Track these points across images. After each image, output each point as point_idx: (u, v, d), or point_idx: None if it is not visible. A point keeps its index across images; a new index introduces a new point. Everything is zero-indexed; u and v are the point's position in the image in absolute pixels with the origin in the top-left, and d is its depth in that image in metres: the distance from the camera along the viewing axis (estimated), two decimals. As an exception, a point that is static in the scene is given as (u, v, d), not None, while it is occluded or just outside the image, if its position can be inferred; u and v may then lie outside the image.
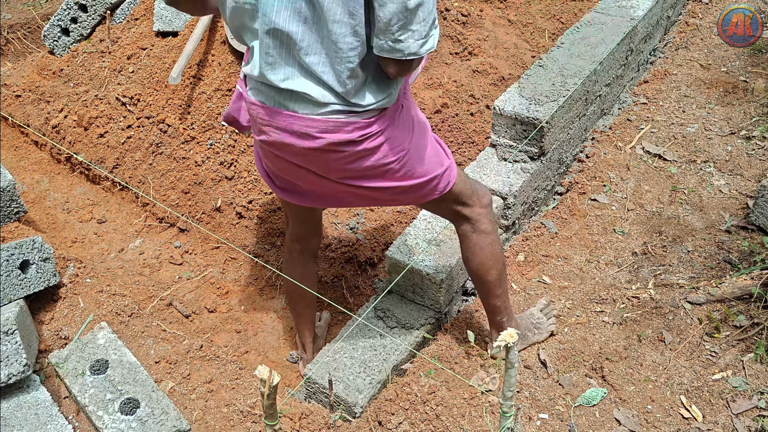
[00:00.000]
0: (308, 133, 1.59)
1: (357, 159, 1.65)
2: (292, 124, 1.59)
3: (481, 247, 1.91)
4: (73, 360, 2.02)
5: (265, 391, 1.45)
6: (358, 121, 1.58)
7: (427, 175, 1.76)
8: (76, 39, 3.58)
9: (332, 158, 1.64)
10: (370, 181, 1.72)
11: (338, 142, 1.60)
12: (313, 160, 1.67)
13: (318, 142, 1.60)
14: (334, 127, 1.57)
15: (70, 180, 3.30)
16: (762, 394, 1.93)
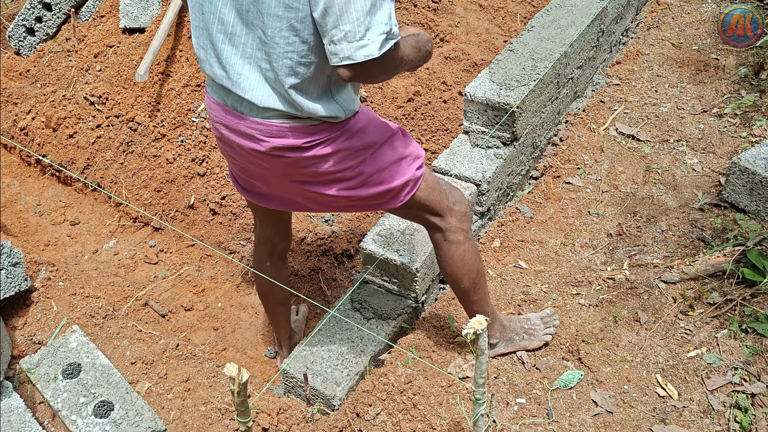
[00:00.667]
0: (253, 135, 1.55)
1: (306, 166, 1.59)
2: (238, 124, 1.56)
3: (452, 257, 1.85)
4: (45, 365, 2.00)
5: (234, 388, 1.44)
6: (302, 126, 1.53)
7: (385, 185, 1.68)
8: (42, 38, 3.52)
9: (280, 162, 1.59)
10: (324, 188, 1.66)
11: (283, 147, 1.54)
12: (262, 163, 1.62)
13: (263, 146, 1.55)
14: (278, 131, 1.52)
15: (42, 182, 3.26)
16: (736, 370, 1.94)
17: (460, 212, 1.83)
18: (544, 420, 1.90)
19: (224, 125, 1.59)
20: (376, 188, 1.68)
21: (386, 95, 3.02)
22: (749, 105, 2.98)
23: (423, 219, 1.83)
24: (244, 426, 1.53)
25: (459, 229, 1.83)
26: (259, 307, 2.63)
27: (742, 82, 3.15)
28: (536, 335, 2.13)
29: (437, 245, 1.87)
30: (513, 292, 2.34)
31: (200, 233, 2.80)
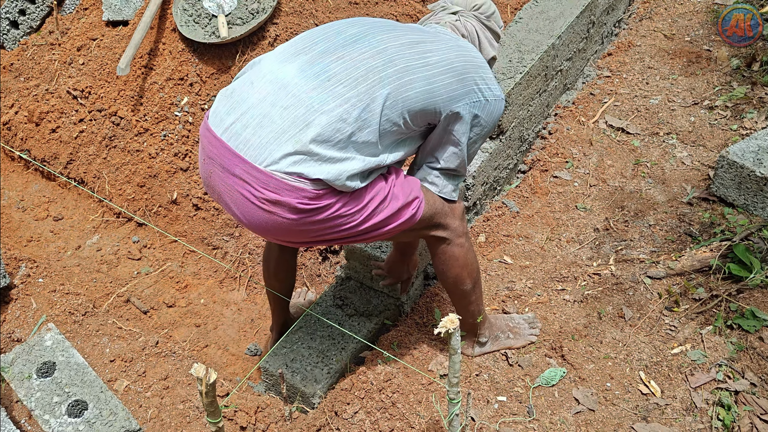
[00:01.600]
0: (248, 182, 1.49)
1: (297, 230, 1.54)
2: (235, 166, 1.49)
3: (456, 258, 1.82)
4: (20, 363, 1.97)
5: (202, 389, 1.41)
6: (305, 189, 1.47)
7: (380, 230, 1.63)
8: (26, 31, 3.48)
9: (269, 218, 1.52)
10: (312, 243, 1.64)
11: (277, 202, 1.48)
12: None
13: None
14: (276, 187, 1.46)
15: (25, 177, 3.22)
16: (720, 367, 1.91)
17: (460, 213, 1.81)
18: (524, 418, 1.87)
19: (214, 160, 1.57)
20: (369, 234, 1.64)
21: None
22: (741, 97, 2.94)
23: (426, 236, 1.81)
24: (215, 426, 1.51)
25: (462, 231, 1.81)
26: (242, 303, 2.61)
27: (734, 73, 3.11)
28: (522, 334, 2.10)
29: (441, 252, 1.83)
30: (497, 288, 2.31)
31: (183, 229, 2.77)
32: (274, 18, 2.88)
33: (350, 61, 1.52)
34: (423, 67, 1.56)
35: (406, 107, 1.56)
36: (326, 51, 1.55)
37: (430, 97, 1.58)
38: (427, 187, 1.72)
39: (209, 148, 1.55)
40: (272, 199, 1.48)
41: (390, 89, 1.52)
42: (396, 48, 1.56)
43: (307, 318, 2.22)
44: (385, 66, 1.53)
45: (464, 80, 1.62)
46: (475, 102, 1.64)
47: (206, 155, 1.57)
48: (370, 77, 1.51)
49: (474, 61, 1.66)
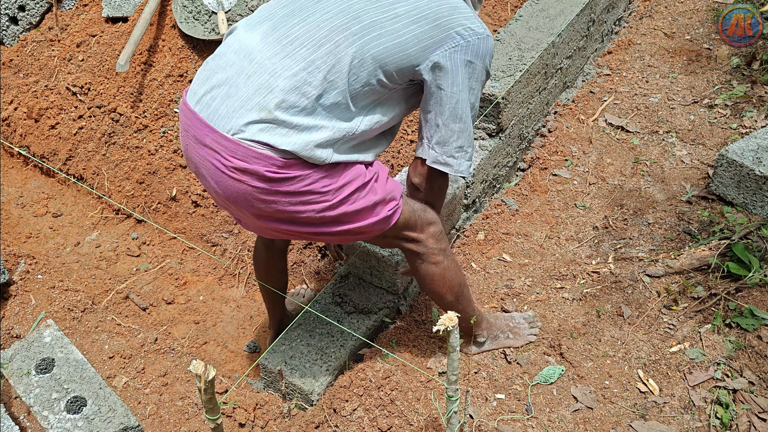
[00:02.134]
0: (218, 151, 1.47)
1: (268, 200, 1.50)
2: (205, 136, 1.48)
3: (432, 277, 1.80)
4: (19, 359, 1.97)
5: (201, 386, 1.41)
6: (272, 156, 1.45)
7: (353, 224, 1.59)
8: (25, 27, 3.47)
9: (241, 188, 1.49)
10: (285, 225, 1.57)
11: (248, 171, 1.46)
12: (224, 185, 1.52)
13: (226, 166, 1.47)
14: (243, 155, 1.44)
15: (24, 174, 3.22)
16: (718, 365, 1.92)
17: (436, 233, 1.77)
18: (523, 416, 1.87)
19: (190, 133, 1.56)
20: (342, 226, 1.59)
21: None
22: (740, 96, 2.94)
23: (399, 246, 1.77)
24: (214, 423, 1.51)
25: (437, 250, 1.77)
26: (241, 300, 2.61)
27: (734, 72, 3.10)
28: (521, 333, 2.10)
29: (416, 268, 1.81)
30: (496, 286, 2.31)
31: (182, 225, 2.77)
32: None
33: (313, 23, 1.48)
34: (391, 20, 1.49)
35: (378, 64, 1.49)
36: (289, 14, 1.51)
37: (403, 51, 1.50)
38: (441, 169, 1.64)
39: (185, 121, 1.55)
40: (241, 168, 1.46)
41: (356, 47, 1.46)
42: (361, 4, 1.49)
43: (306, 315, 2.22)
44: (350, 24, 1.47)
45: (439, 26, 1.51)
46: (455, 47, 1.53)
47: (183, 128, 1.57)
48: (334, 37, 1.46)
49: (447, 2, 1.54)
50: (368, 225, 1.61)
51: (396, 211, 1.64)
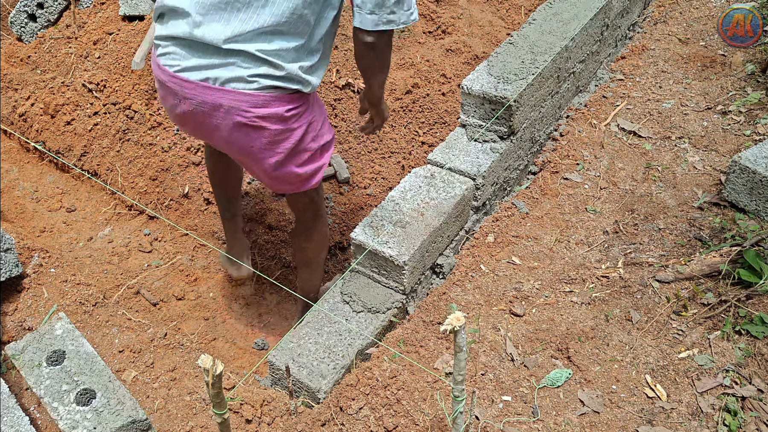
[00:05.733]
0: (237, 107, 1.75)
1: (279, 140, 1.84)
2: (220, 98, 1.74)
3: (318, 231, 2.20)
4: (30, 351, 1.99)
5: (209, 380, 1.42)
6: (283, 96, 1.77)
7: (318, 161, 2.00)
8: (43, 25, 3.52)
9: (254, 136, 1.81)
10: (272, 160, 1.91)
11: (266, 116, 1.77)
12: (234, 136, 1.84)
13: (246, 117, 1.78)
14: (264, 101, 1.74)
15: (40, 169, 3.26)
16: (727, 372, 1.90)
17: (322, 191, 2.22)
18: (529, 418, 1.87)
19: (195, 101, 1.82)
20: (313, 164, 1.98)
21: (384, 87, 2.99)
22: (755, 102, 2.92)
23: (310, 202, 2.15)
24: (220, 418, 1.52)
25: (323, 206, 2.23)
26: (251, 298, 2.63)
27: (748, 79, 3.09)
28: None
29: (306, 226, 2.19)
30: (505, 289, 2.31)
31: (194, 222, 2.79)
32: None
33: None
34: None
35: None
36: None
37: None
38: (385, 29, 1.79)
39: (185, 92, 1.82)
40: (262, 114, 1.79)
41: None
42: None
43: (315, 313, 2.23)
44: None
45: None
46: None
47: (183, 97, 1.83)
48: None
49: None
50: (317, 167, 2.01)
51: (329, 150, 2.04)
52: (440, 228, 2.32)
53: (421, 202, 2.37)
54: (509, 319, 2.19)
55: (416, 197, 2.39)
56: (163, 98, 1.92)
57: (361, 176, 2.87)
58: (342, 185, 2.86)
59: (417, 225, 2.29)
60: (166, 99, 1.91)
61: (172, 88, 1.82)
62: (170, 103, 1.89)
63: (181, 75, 1.79)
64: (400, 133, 2.96)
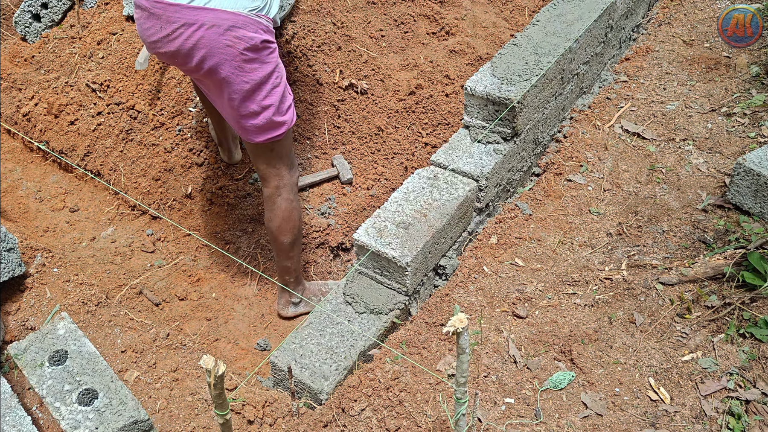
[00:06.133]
0: (218, 24, 1.92)
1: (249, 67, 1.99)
2: (204, 17, 1.91)
3: (283, 210, 2.23)
4: (33, 351, 2.00)
5: (211, 381, 1.42)
6: (261, 24, 1.97)
7: (279, 114, 2.11)
8: (47, 25, 3.52)
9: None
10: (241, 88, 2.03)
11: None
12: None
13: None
14: (243, 23, 1.93)
15: (43, 168, 3.26)
16: (731, 375, 1.90)
17: (296, 175, 2.27)
18: (531, 421, 1.86)
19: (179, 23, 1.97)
20: (275, 112, 2.10)
21: (387, 87, 2.99)
22: (759, 104, 2.91)
23: (274, 167, 2.19)
24: (222, 419, 1.52)
25: (294, 191, 2.25)
26: (253, 298, 2.62)
27: (753, 81, 3.07)
28: None
29: (271, 200, 2.24)
30: (508, 290, 2.31)
31: (197, 223, 2.79)
32: (292, 16, 2.90)
33: None
34: None
35: None
36: None
37: None
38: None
39: (168, 15, 1.97)
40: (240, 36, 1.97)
41: None
42: None
43: (317, 314, 2.23)
44: None
45: None
46: None
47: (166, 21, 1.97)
48: None
49: None
50: (284, 121, 2.13)
51: (294, 113, 2.18)
52: (443, 229, 2.32)
53: (424, 204, 2.36)
54: (512, 321, 2.18)
55: (419, 198, 2.38)
56: (142, 26, 2.05)
57: (364, 177, 2.87)
58: (345, 186, 2.86)
59: (420, 226, 2.28)
60: (144, 26, 2.03)
61: (156, 13, 1.96)
62: (150, 30, 2.01)
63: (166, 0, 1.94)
64: (404, 134, 2.96)
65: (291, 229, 2.27)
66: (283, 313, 2.49)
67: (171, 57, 2.06)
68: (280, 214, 2.25)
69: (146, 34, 2.05)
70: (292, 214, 2.26)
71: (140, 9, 2.03)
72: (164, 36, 1.99)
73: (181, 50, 2.00)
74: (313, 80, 2.93)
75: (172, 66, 2.98)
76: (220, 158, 2.83)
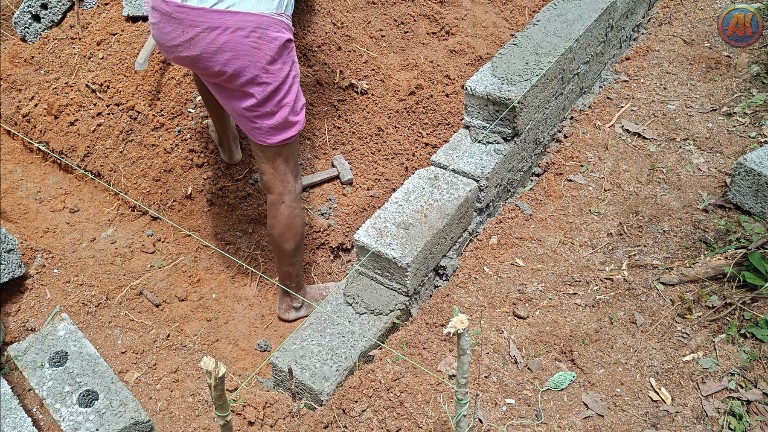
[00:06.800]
0: (243, 27, 1.91)
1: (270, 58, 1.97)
2: (228, 20, 1.90)
3: (286, 216, 2.22)
4: (33, 352, 1.99)
5: (211, 382, 1.42)
6: (283, 23, 1.98)
7: (294, 113, 2.10)
8: (47, 25, 3.52)
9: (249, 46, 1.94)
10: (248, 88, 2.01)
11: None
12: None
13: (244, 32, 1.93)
14: (268, 23, 1.94)
15: (43, 169, 3.26)
16: (732, 376, 1.89)
17: (300, 183, 2.27)
18: (532, 421, 1.86)
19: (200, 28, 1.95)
20: (290, 112, 2.08)
21: (387, 87, 2.98)
22: (760, 104, 2.90)
23: (280, 172, 2.17)
24: (223, 420, 1.52)
25: (297, 199, 2.23)
26: (253, 299, 2.62)
27: (753, 80, 3.07)
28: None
29: (275, 206, 2.22)
30: (509, 290, 2.30)
31: (197, 223, 2.79)
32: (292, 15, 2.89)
33: None
34: None
35: None
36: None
37: None
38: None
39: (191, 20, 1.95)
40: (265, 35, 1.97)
41: None
42: None
43: (318, 315, 2.23)
44: None
45: None
46: None
47: (189, 25, 1.95)
48: None
49: None
50: (293, 122, 2.10)
51: (303, 108, 2.15)
52: (444, 230, 2.31)
53: (424, 204, 2.36)
54: (513, 322, 2.18)
55: (419, 199, 2.38)
56: (162, 31, 2.00)
57: (364, 177, 2.87)
58: (345, 186, 2.85)
59: (420, 227, 2.28)
60: (164, 30, 1.99)
61: (177, 17, 1.92)
62: (171, 34, 1.97)
63: (187, 3, 1.91)
64: (404, 134, 2.96)
65: (294, 236, 2.26)
66: (285, 317, 2.48)
67: (191, 61, 2.02)
68: (283, 222, 2.23)
69: (166, 39, 2.01)
70: (295, 221, 2.24)
71: (159, 12, 1.98)
72: (186, 40, 1.95)
73: (204, 54, 1.96)
74: (313, 80, 2.93)
75: (178, 66, 2.98)
76: (220, 159, 2.83)
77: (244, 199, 2.73)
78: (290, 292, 2.38)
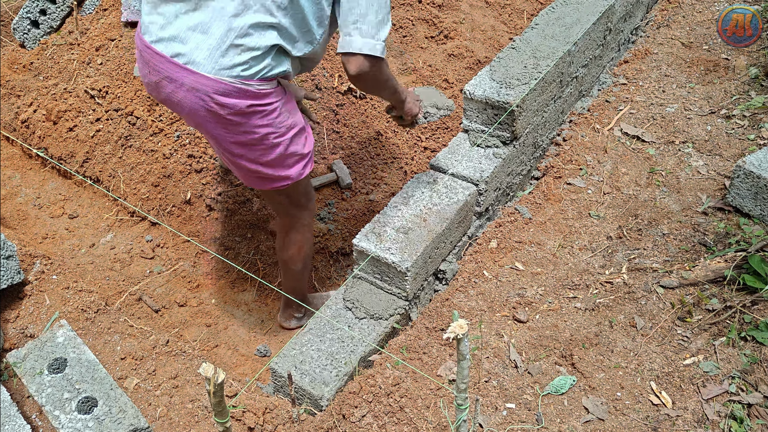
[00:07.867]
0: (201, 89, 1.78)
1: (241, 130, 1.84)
2: (184, 77, 1.78)
3: (294, 244, 2.19)
4: (32, 359, 1.99)
5: (210, 389, 1.41)
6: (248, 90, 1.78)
7: (280, 170, 1.96)
8: (46, 31, 3.52)
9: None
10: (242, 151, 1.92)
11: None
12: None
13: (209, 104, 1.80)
14: (226, 90, 1.76)
15: (42, 175, 3.26)
16: (733, 379, 1.89)
17: (313, 209, 2.20)
18: (533, 426, 1.86)
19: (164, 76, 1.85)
20: (273, 169, 1.96)
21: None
22: (758, 107, 2.90)
23: (286, 207, 2.12)
24: (222, 426, 1.51)
25: (308, 225, 2.19)
26: (253, 304, 2.62)
27: (752, 83, 3.07)
28: None
29: (284, 232, 2.18)
30: (508, 294, 2.30)
31: (196, 229, 2.79)
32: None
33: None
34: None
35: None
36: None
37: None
38: (366, 53, 1.77)
39: (156, 65, 1.85)
40: (222, 103, 1.82)
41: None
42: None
43: (317, 320, 2.22)
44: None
45: None
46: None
47: (153, 69, 1.86)
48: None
49: None
50: (285, 176, 1.97)
51: (307, 168, 2.01)
52: (443, 234, 2.31)
53: (423, 208, 2.36)
54: (513, 326, 2.18)
55: (419, 203, 2.38)
56: (138, 65, 1.96)
57: (363, 182, 2.87)
58: (344, 191, 2.85)
59: (420, 231, 2.28)
60: (139, 66, 1.94)
61: (144, 58, 1.86)
62: (143, 71, 1.92)
63: (154, 47, 1.81)
64: (403, 138, 2.96)
65: (302, 259, 2.23)
66: (285, 325, 2.48)
67: (162, 102, 1.96)
68: (293, 247, 2.20)
69: (141, 74, 1.96)
70: (304, 246, 2.20)
71: (137, 47, 1.92)
72: (154, 83, 1.88)
73: (168, 101, 1.90)
74: (312, 85, 2.93)
75: None
76: (219, 164, 2.83)
77: (243, 204, 2.73)
78: (294, 302, 2.37)
